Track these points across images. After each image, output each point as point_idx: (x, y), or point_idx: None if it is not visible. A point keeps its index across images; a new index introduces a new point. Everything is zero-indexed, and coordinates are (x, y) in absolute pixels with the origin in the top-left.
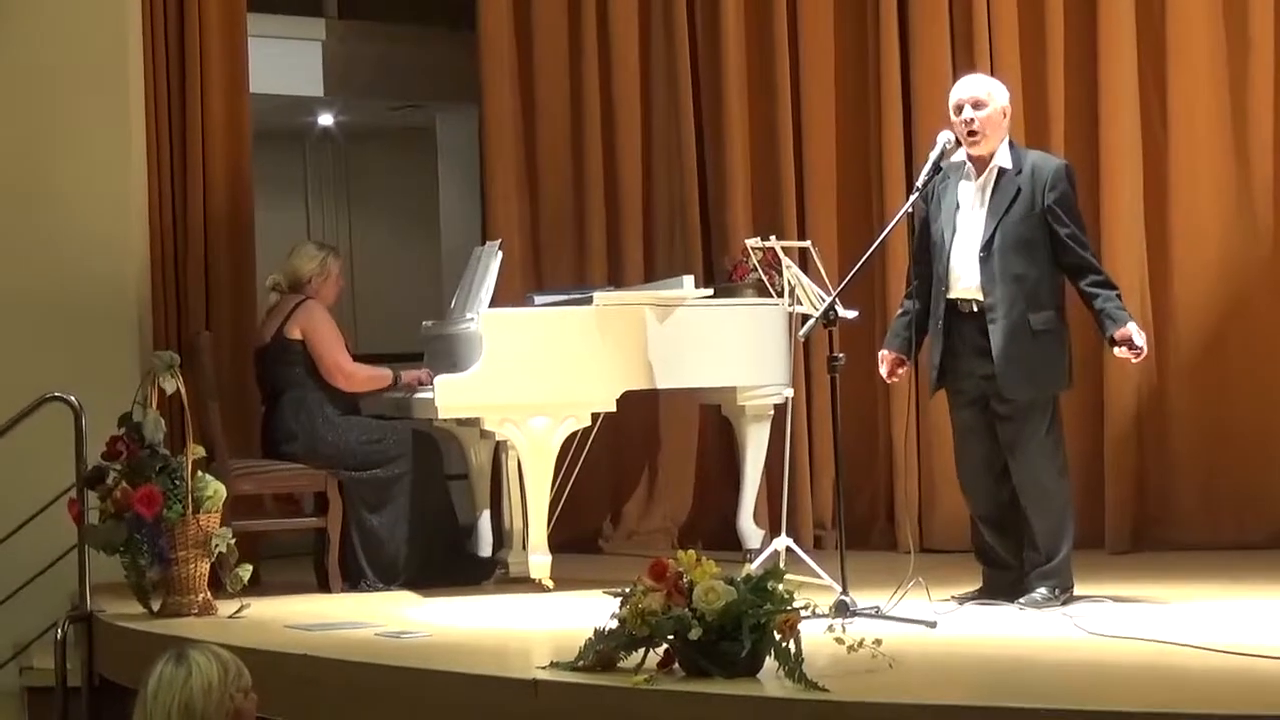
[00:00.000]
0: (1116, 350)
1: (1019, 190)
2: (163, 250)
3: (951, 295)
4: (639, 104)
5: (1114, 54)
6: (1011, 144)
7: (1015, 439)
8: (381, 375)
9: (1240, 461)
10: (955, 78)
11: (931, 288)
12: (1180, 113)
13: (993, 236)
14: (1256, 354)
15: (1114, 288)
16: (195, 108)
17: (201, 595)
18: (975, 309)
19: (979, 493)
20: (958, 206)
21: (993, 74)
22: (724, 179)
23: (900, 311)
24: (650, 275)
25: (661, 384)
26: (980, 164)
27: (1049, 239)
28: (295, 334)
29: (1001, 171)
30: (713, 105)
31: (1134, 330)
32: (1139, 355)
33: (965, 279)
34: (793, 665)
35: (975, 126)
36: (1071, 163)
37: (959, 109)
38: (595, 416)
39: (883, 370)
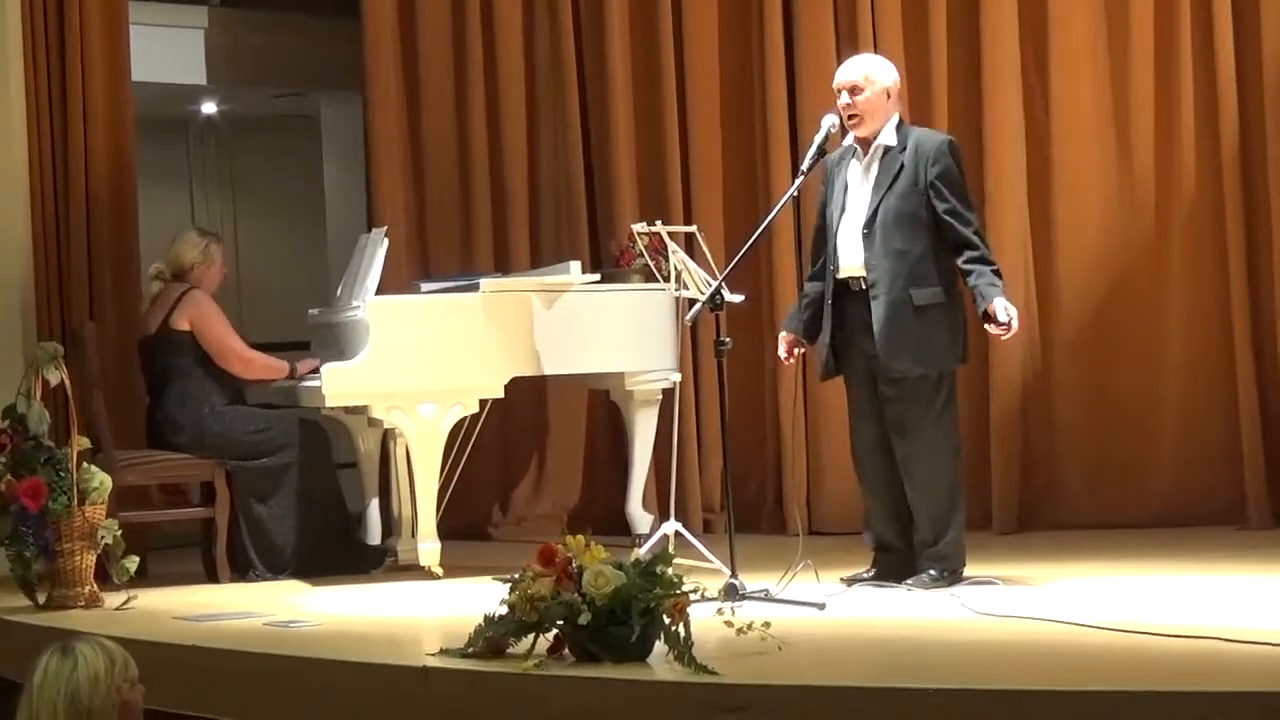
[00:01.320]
0: (986, 327)
1: (902, 166)
2: (45, 240)
3: (840, 275)
4: (524, 90)
5: (996, 36)
6: (900, 123)
7: (901, 419)
8: (278, 366)
9: (1124, 442)
10: (840, 60)
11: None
12: (1063, 94)
13: (875, 213)
14: (1138, 332)
15: (990, 263)
16: (76, 96)
17: (88, 587)
18: (862, 287)
19: (872, 474)
20: (846, 187)
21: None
22: (609, 164)
23: (801, 294)
24: (537, 261)
25: (549, 370)
26: (866, 144)
27: (933, 215)
28: (183, 325)
29: (886, 150)
30: (598, 90)
31: (999, 307)
32: (1006, 332)
33: (850, 257)
34: (682, 649)
35: (854, 111)
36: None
37: (839, 93)
38: (483, 403)
39: (781, 351)
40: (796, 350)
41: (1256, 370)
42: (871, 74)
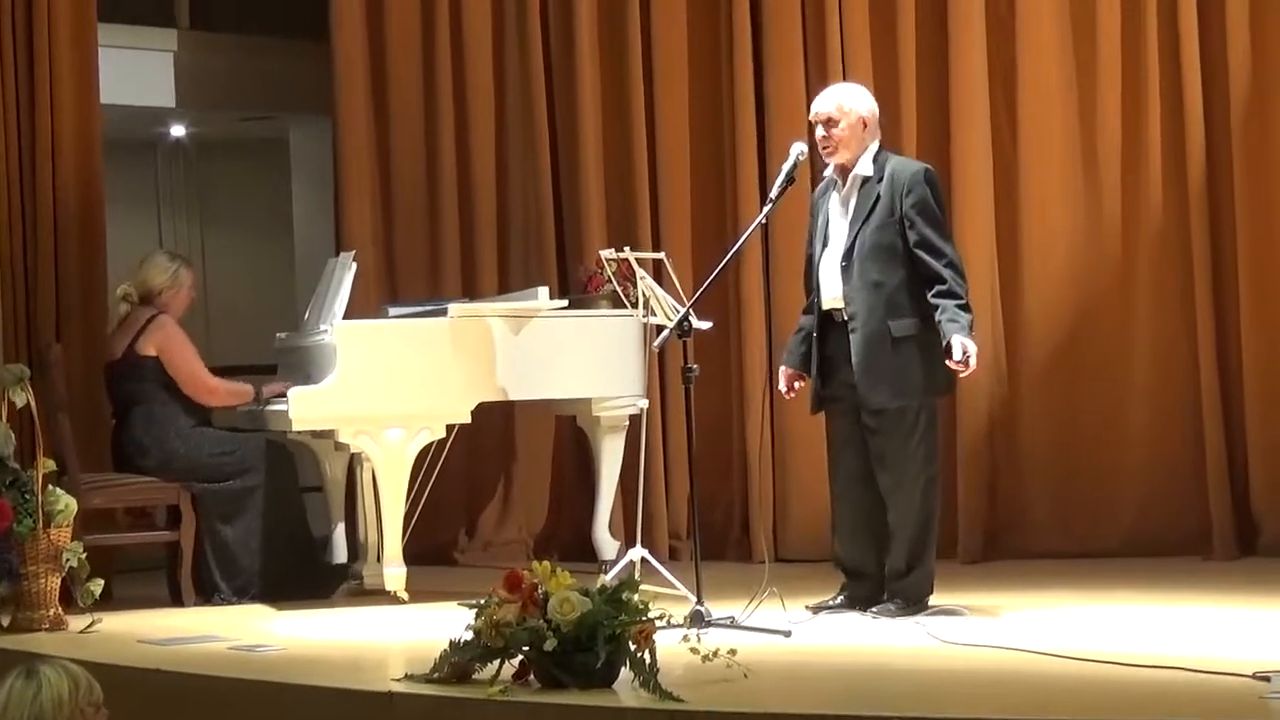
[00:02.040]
0: (947, 362)
1: (878, 197)
2: (12, 262)
3: (825, 307)
4: (493, 115)
5: (965, 65)
6: (879, 151)
7: (883, 450)
8: (243, 390)
9: (1089, 470)
10: (809, 88)
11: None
12: (1030, 125)
13: (852, 245)
14: (1105, 361)
15: (956, 297)
16: (45, 118)
17: (53, 610)
18: (845, 318)
19: (849, 502)
20: (828, 219)
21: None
22: (578, 190)
23: (797, 327)
24: (505, 287)
25: (516, 395)
26: (844, 174)
27: (908, 245)
28: (149, 351)
29: (864, 180)
30: (567, 116)
31: (955, 344)
32: (963, 369)
33: (832, 289)
34: (648, 676)
35: (828, 145)
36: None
37: (813, 126)
38: (450, 428)
39: (781, 386)
40: (797, 384)
41: (1222, 400)
42: (846, 104)
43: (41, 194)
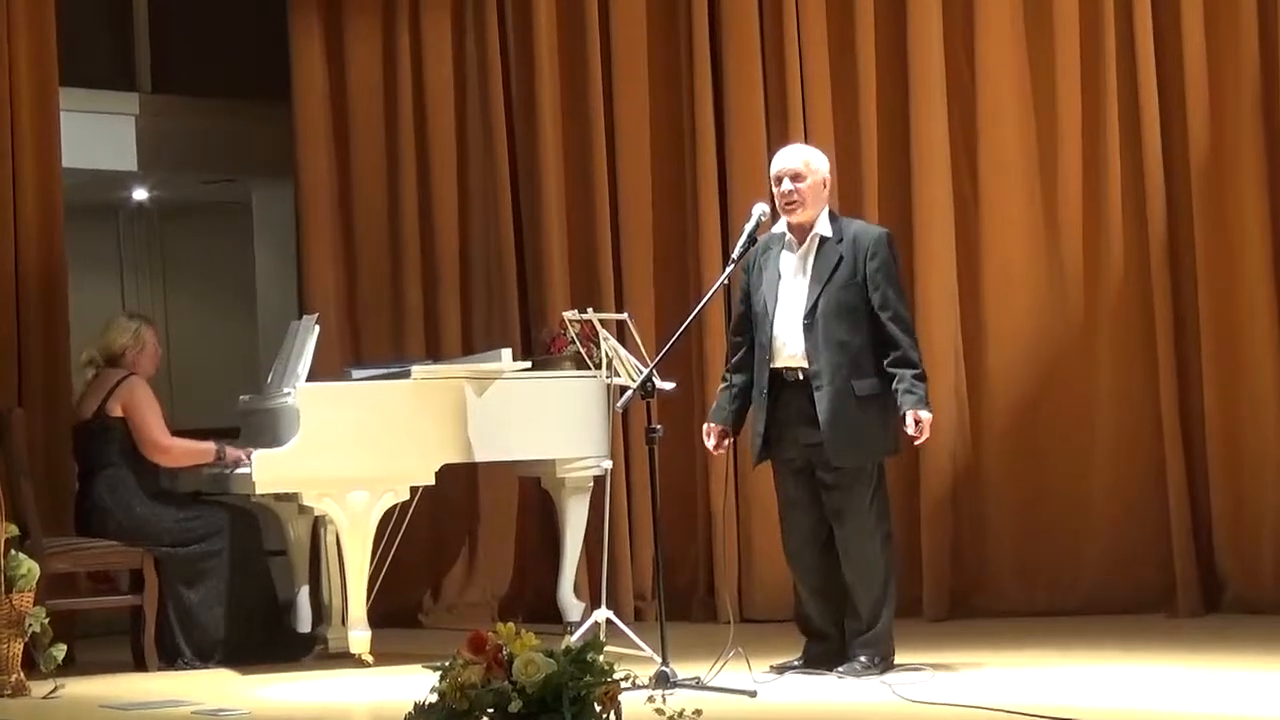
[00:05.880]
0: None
1: (841, 258)
2: None
3: (776, 364)
4: (455, 177)
5: (926, 127)
6: (832, 214)
7: (841, 507)
8: (203, 450)
9: (1053, 527)
10: (770, 149)
11: (754, 358)
12: (991, 184)
13: (816, 304)
14: (1067, 420)
15: (912, 365)
16: (6, 182)
17: (14, 676)
18: (801, 377)
19: (805, 563)
20: (779, 277)
21: (807, 144)
22: (541, 252)
23: (723, 385)
24: (468, 348)
25: (480, 457)
26: (801, 233)
27: (870, 306)
28: (117, 411)
29: (823, 240)
30: (530, 178)
31: (909, 417)
32: (918, 437)
33: (790, 347)
34: None
35: (794, 198)
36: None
37: (779, 180)
38: (414, 490)
39: (709, 443)
40: (726, 441)
41: (1186, 458)
42: (812, 162)
43: (3, 258)
